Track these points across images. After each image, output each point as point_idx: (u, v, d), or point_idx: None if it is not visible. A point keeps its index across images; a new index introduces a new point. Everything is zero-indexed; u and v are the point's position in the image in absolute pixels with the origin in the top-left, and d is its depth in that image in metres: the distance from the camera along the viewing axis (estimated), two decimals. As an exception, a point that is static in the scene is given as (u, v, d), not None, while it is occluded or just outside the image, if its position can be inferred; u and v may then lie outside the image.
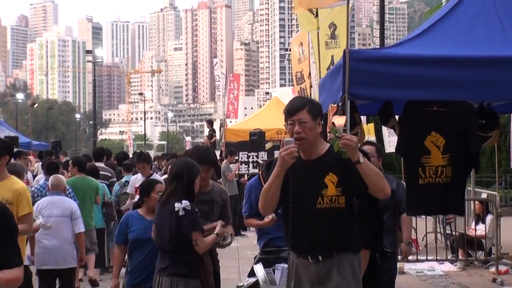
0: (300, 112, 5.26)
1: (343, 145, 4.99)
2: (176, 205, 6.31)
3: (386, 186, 5.21)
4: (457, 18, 7.93)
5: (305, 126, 5.22)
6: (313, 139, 5.28)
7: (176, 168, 6.80)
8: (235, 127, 28.24)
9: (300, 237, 5.36)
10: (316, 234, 5.26)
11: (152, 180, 8.53)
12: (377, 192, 5.21)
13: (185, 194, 6.41)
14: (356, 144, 5.09)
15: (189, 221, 6.29)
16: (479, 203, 14.13)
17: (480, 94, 7.43)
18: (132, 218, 7.70)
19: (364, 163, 5.06)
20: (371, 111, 9.29)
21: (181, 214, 6.28)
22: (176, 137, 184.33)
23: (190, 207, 6.31)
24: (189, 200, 6.39)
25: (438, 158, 7.43)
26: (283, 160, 5.16)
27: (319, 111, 5.37)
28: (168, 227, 6.40)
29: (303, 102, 5.36)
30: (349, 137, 5.05)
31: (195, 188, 6.53)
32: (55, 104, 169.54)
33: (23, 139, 34.55)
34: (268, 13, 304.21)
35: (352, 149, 5.02)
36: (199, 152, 7.33)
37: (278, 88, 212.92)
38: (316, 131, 5.28)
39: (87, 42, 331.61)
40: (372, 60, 7.26)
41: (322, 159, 5.30)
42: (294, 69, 17.69)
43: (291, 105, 5.35)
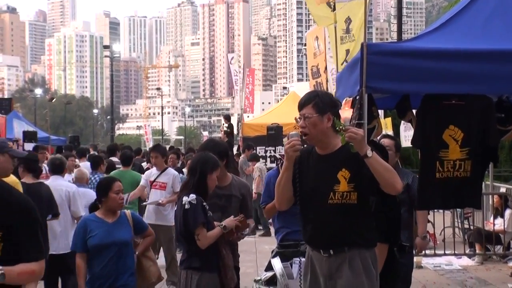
0: (305, 107, 5.30)
1: (349, 138, 4.99)
2: (184, 199, 6.35)
3: (396, 181, 5.14)
4: (475, 12, 7.88)
5: (309, 121, 5.24)
6: (318, 134, 5.27)
7: (191, 162, 6.85)
8: (253, 122, 28.27)
9: (313, 231, 5.38)
10: (328, 229, 5.27)
11: (109, 178, 7.74)
12: (387, 187, 5.14)
13: (196, 188, 6.43)
14: (363, 137, 5.05)
15: (193, 215, 6.30)
16: (497, 197, 14.09)
17: (499, 88, 7.37)
18: (90, 222, 7.12)
19: (372, 157, 5.03)
20: (388, 105, 9.25)
21: (187, 207, 6.31)
22: (194, 132, 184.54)
23: (195, 201, 6.32)
24: (201, 194, 6.40)
25: (457, 151, 7.39)
26: (286, 154, 5.21)
27: (327, 105, 5.32)
28: (178, 219, 6.44)
29: (309, 97, 5.37)
30: (355, 130, 5.04)
31: (209, 182, 6.52)
32: (73, 99, 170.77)
33: (42, 134, 34.77)
34: (286, 7, 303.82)
35: (359, 142, 5.01)
36: (211, 145, 7.37)
37: (295, 82, 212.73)
38: (321, 126, 5.25)
39: (105, 37, 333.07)
40: (390, 53, 7.22)
41: (335, 154, 5.30)
42: (310, 63, 17.70)
43: (300, 100, 5.39)
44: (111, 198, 7.10)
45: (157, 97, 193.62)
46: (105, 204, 7.13)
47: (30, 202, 4.03)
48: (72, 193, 9.80)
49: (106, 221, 7.08)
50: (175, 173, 12.09)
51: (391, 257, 6.25)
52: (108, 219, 7.10)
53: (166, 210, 11.66)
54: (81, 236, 7.02)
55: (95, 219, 7.13)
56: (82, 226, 7.14)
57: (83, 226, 7.10)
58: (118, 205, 7.21)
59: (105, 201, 7.12)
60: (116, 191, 7.13)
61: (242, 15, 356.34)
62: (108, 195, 7.09)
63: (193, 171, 6.56)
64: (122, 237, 7.08)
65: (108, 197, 7.09)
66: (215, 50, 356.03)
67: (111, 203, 7.12)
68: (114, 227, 7.06)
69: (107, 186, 7.16)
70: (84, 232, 7.01)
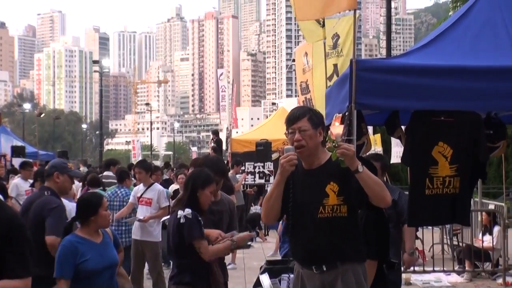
0: (300, 120, 5.28)
1: (340, 154, 4.99)
2: (179, 213, 6.32)
3: (386, 195, 5.15)
4: (464, 28, 7.91)
5: (305, 134, 5.24)
6: (313, 147, 5.28)
7: (186, 177, 6.84)
8: (241, 138, 28.24)
9: (304, 246, 5.35)
10: (319, 244, 5.24)
11: (97, 194, 7.04)
12: (378, 201, 5.15)
13: (189, 203, 6.41)
14: (354, 153, 5.06)
15: (189, 229, 6.26)
16: (486, 214, 14.07)
17: (487, 104, 7.39)
18: (80, 245, 6.17)
19: (363, 172, 5.03)
20: (377, 121, 9.27)
21: (182, 221, 6.27)
22: (183, 148, 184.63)
23: (191, 215, 6.29)
24: (195, 209, 6.37)
25: (446, 168, 7.39)
26: (282, 168, 5.18)
27: (320, 120, 5.39)
28: (171, 234, 6.40)
29: (303, 111, 5.38)
30: (347, 146, 5.04)
31: (201, 198, 6.49)
32: (62, 114, 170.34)
33: (30, 149, 34.70)
34: (275, 23, 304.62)
35: (350, 158, 5.01)
36: (210, 163, 7.30)
37: (284, 98, 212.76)
38: (316, 139, 5.28)
39: (94, 52, 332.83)
40: (379, 69, 7.23)
41: (323, 168, 5.30)
42: (299, 79, 17.68)
43: (292, 114, 5.38)
44: (101, 215, 6.38)
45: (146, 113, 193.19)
46: (93, 222, 6.33)
47: (20, 219, 3.99)
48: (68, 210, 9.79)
49: (94, 242, 6.32)
50: (160, 188, 12.04)
51: (380, 274, 6.22)
52: (94, 239, 6.34)
53: (152, 226, 11.59)
54: (71, 261, 6.07)
55: (82, 240, 6.24)
56: (70, 249, 6.12)
57: (71, 249, 6.12)
58: (108, 222, 6.57)
59: (94, 219, 6.32)
60: (105, 208, 6.48)
61: (231, 30, 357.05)
62: (98, 212, 6.33)
63: (185, 187, 6.56)
64: (114, 258, 6.48)
65: (97, 215, 6.33)
66: (205, 66, 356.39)
67: (101, 221, 6.40)
68: (103, 248, 6.37)
69: (96, 203, 6.41)
70: (74, 256, 6.09)
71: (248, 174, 21.69)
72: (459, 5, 26.08)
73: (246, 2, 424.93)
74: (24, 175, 15.67)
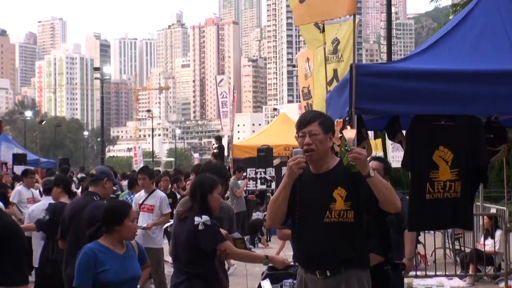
0: (311, 124, 5.30)
1: (352, 158, 4.99)
2: (196, 219, 6.30)
3: (396, 199, 5.20)
4: (463, 32, 7.91)
5: (316, 138, 5.25)
6: (323, 152, 5.29)
7: (191, 185, 6.84)
8: (243, 143, 28.26)
9: (308, 251, 5.36)
10: (324, 248, 5.25)
11: (125, 203, 6.64)
12: (388, 206, 5.19)
13: (200, 210, 6.40)
14: (366, 157, 5.10)
15: (210, 236, 6.29)
16: (488, 218, 14.06)
17: (487, 108, 7.39)
18: (99, 253, 5.90)
19: (374, 176, 5.06)
20: (378, 126, 9.26)
21: (201, 228, 6.27)
22: (184, 154, 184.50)
23: (209, 222, 6.30)
24: (207, 214, 6.39)
25: (447, 172, 7.38)
26: (290, 170, 5.20)
27: (330, 125, 5.40)
28: (185, 241, 6.37)
29: (315, 115, 5.40)
30: (359, 151, 5.06)
31: (211, 202, 6.51)
32: (63, 121, 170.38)
33: (32, 156, 34.67)
34: (276, 29, 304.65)
35: (362, 163, 5.03)
36: (213, 170, 7.32)
37: (285, 104, 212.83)
38: (326, 144, 5.30)
39: (95, 59, 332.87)
40: (379, 74, 7.23)
41: (331, 173, 5.31)
42: (301, 85, 17.73)
43: (303, 117, 5.40)
44: (127, 226, 6.08)
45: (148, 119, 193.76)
46: (117, 233, 6.04)
47: (17, 227, 4.00)
48: None
49: (117, 253, 6.03)
50: (162, 195, 12.03)
51: (384, 277, 6.23)
52: (117, 249, 6.04)
53: (154, 233, 11.59)
54: (90, 269, 5.80)
55: (103, 249, 5.96)
56: (89, 256, 5.85)
57: (91, 257, 5.85)
58: (133, 235, 6.27)
59: (119, 229, 6.03)
60: (132, 219, 6.19)
61: (232, 37, 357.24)
62: (123, 223, 6.03)
63: (193, 195, 6.55)
64: (137, 271, 6.20)
65: (123, 225, 6.04)
66: (206, 72, 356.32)
67: (126, 232, 6.10)
68: (126, 259, 6.07)
69: (123, 212, 6.11)
70: (93, 264, 5.82)
71: (249, 180, 21.68)
72: (459, 9, 26.08)
73: (247, 8, 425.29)
74: (26, 183, 15.64)
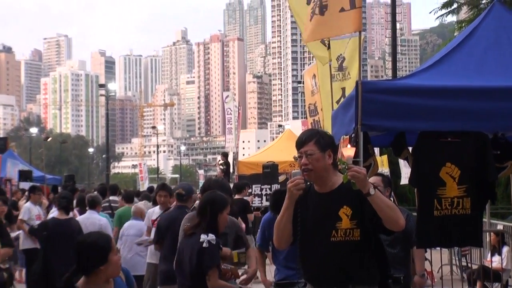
0: (307, 144, 5.30)
1: (351, 176, 4.98)
2: (202, 237, 6.31)
3: (399, 217, 5.15)
4: (469, 49, 7.90)
5: (312, 158, 5.25)
6: (320, 171, 5.28)
7: (200, 202, 6.83)
8: (248, 160, 28.28)
9: (315, 269, 5.35)
10: (331, 267, 5.23)
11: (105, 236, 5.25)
12: (391, 224, 5.15)
13: (208, 228, 6.40)
14: (365, 175, 5.06)
15: (210, 255, 6.28)
16: (494, 235, 14.00)
17: (494, 125, 7.38)
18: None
19: (375, 194, 5.03)
20: (384, 143, 9.24)
21: (205, 246, 6.28)
22: (189, 171, 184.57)
23: (214, 241, 6.31)
24: (214, 233, 6.39)
25: (454, 189, 7.36)
26: (290, 192, 5.21)
27: (327, 142, 5.37)
28: (189, 257, 6.38)
29: (310, 134, 5.40)
30: (358, 169, 5.04)
31: (220, 221, 6.52)
32: (68, 138, 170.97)
33: (37, 173, 34.74)
34: (281, 45, 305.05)
35: (361, 181, 5.01)
36: (217, 186, 7.32)
37: (291, 120, 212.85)
38: (324, 162, 5.28)
39: (100, 76, 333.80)
40: (385, 91, 7.23)
41: (336, 192, 5.29)
42: (307, 101, 17.71)
43: (299, 138, 5.42)
44: (113, 262, 5.00)
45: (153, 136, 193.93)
46: (102, 273, 4.94)
47: None
48: (104, 223, 11.94)
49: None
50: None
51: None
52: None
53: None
54: None
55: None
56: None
57: None
58: (119, 269, 5.19)
59: (104, 269, 4.93)
60: (116, 251, 5.13)
61: (237, 53, 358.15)
62: (108, 260, 4.94)
63: (203, 212, 6.54)
64: None
65: (108, 263, 4.94)
66: (210, 89, 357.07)
67: (112, 270, 5.03)
68: None
69: (107, 247, 5.00)
70: None
71: (255, 197, 21.62)
72: (464, 25, 26.12)
73: (252, 25, 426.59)
74: (33, 200, 15.74)
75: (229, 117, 34.17)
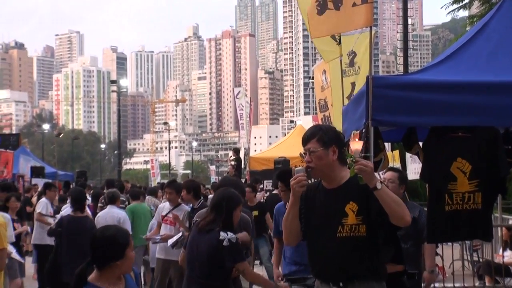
0: (310, 142, 5.34)
1: (358, 170, 4.99)
2: (222, 235, 6.33)
3: (405, 213, 5.13)
4: (480, 44, 7.87)
5: (315, 155, 5.28)
6: (323, 168, 5.30)
7: (216, 197, 6.83)
8: (260, 156, 28.29)
9: (322, 264, 5.37)
10: (337, 262, 5.26)
11: (123, 230, 5.11)
12: (397, 220, 5.13)
13: (224, 225, 6.43)
14: (372, 169, 5.06)
15: (234, 253, 6.37)
16: (506, 230, 13.98)
17: (505, 119, 7.35)
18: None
19: (381, 189, 5.03)
20: (395, 138, 9.24)
21: (225, 244, 6.30)
22: (201, 166, 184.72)
23: (235, 239, 6.35)
24: (228, 230, 6.42)
25: (465, 184, 7.34)
26: (293, 189, 5.24)
27: (331, 138, 5.36)
28: (205, 253, 6.39)
29: (313, 131, 5.41)
30: (365, 162, 5.05)
31: (234, 218, 6.56)
32: (81, 134, 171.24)
33: (49, 169, 34.82)
34: (292, 41, 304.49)
35: (368, 174, 5.01)
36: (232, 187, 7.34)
37: (302, 116, 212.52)
38: (327, 159, 5.28)
39: (112, 72, 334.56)
40: (395, 86, 7.22)
41: (342, 188, 5.30)
42: (318, 97, 17.69)
43: (304, 135, 5.46)
44: (129, 258, 4.90)
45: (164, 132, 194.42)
46: (117, 268, 4.84)
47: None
48: (122, 217, 12.28)
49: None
50: (187, 209, 11.98)
51: (399, 286, 6.23)
52: None
53: (177, 246, 11.57)
54: None
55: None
56: None
57: None
58: (131, 266, 5.08)
59: (120, 264, 4.83)
60: (132, 247, 5.01)
61: (248, 49, 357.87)
62: (125, 255, 4.84)
63: (219, 208, 6.56)
64: None
65: (125, 258, 4.84)
66: (222, 84, 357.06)
67: (127, 266, 4.92)
68: None
69: (125, 242, 4.89)
70: None
71: (266, 192, 21.64)
72: (476, 20, 26.02)
73: (263, 20, 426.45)
74: (49, 196, 15.77)
75: (240, 112, 34.23)
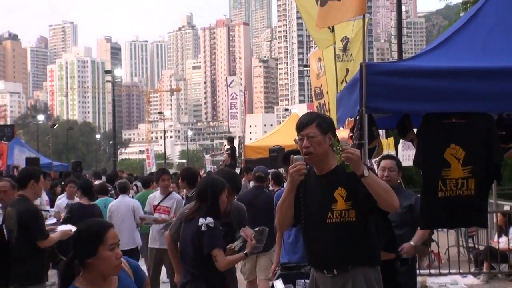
0: (308, 127, 5.32)
1: (345, 158, 5.01)
2: (200, 220, 6.32)
3: (394, 199, 5.16)
4: (474, 29, 7.86)
5: (314, 140, 5.28)
6: (321, 154, 5.31)
7: (200, 186, 6.82)
8: (255, 144, 28.30)
9: (315, 251, 5.41)
10: (329, 248, 5.28)
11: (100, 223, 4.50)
12: (385, 206, 5.17)
13: (210, 211, 6.41)
14: (359, 157, 5.08)
15: (210, 237, 6.29)
16: (501, 216, 14.01)
17: (499, 105, 7.33)
18: None
19: (369, 176, 5.05)
20: (389, 125, 9.23)
21: (203, 229, 6.28)
22: (196, 156, 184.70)
23: (213, 224, 6.31)
24: (214, 217, 6.39)
25: (458, 170, 7.34)
26: (291, 177, 5.24)
27: (328, 125, 5.40)
28: (190, 242, 6.39)
29: (311, 117, 5.41)
30: (352, 150, 5.07)
31: (220, 204, 6.53)
32: (75, 125, 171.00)
33: (44, 160, 34.79)
34: (286, 29, 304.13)
35: (355, 162, 5.03)
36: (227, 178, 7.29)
37: (297, 104, 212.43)
38: (325, 145, 5.31)
39: (106, 62, 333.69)
40: (389, 73, 7.20)
41: (332, 174, 5.33)
42: (313, 85, 17.72)
43: (300, 121, 5.43)
44: (104, 258, 4.25)
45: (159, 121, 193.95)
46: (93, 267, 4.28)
47: None
48: (135, 205, 12.39)
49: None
50: (178, 197, 12.00)
51: (392, 272, 6.22)
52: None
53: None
54: None
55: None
56: None
57: None
58: (114, 268, 4.36)
59: (92, 263, 4.25)
60: (112, 246, 4.29)
61: (243, 37, 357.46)
62: (97, 253, 4.23)
63: (203, 196, 6.54)
64: None
65: (97, 257, 4.23)
66: (217, 73, 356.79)
67: (103, 266, 4.27)
68: None
69: (96, 238, 4.26)
70: None
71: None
72: (469, 6, 26.01)
73: (257, 9, 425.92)
74: (44, 185, 15.78)
75: (233, 101, 34.16)
